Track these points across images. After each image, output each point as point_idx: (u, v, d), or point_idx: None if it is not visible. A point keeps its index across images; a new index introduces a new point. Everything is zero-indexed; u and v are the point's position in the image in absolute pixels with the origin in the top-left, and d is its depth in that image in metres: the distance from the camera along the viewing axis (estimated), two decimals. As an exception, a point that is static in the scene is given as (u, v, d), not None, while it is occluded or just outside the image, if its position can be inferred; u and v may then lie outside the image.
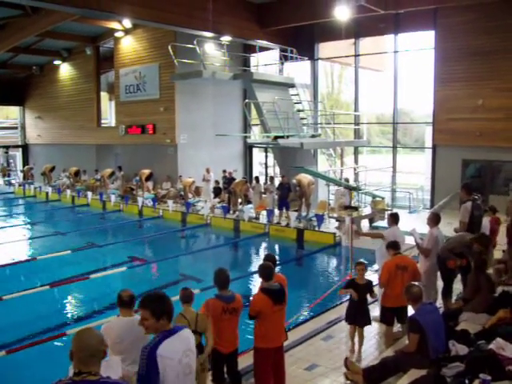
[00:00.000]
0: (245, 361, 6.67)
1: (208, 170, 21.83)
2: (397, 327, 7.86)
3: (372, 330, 8.29)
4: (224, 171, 21.70)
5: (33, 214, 23.36)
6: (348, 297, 7.54)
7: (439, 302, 8.29)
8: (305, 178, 17.32)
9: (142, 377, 3.65)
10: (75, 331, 3.36)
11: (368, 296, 7.45)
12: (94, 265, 13.55)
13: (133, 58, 24.55)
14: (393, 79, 21.06)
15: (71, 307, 11.06)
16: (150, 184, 23.62)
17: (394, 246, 7.62)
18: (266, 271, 5.92)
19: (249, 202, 19.48)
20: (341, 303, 9.83)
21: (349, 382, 6.24)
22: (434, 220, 8.36)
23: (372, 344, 7.82)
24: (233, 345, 5.89)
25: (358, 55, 22.16)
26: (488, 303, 7.23)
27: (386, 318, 7.47)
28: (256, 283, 10.45)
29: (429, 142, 20.63)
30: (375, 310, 8.81)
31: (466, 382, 5.12)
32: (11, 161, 34.15)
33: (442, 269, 8.36)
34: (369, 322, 7.35)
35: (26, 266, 13.60)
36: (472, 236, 8.21)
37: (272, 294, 5.74)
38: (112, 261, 14.60)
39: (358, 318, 7.31)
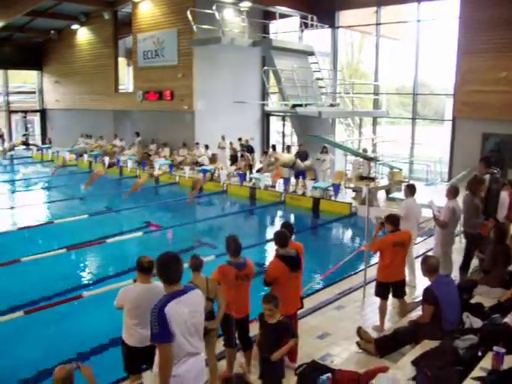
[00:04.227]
0: (257, 327, 6.72)
1: (223, 138, 21.77)
2: (411, 298, 7.88)
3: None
4: (239, 139, 21.64)
5: (50, 178, 23.49)
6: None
7: (454, 275, 8.27)
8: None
9: (156, 335, 3.86)
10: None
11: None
12: (111, 229, 13.69)
13: (151, 23, 24.32)
14: (414, 49, 20.66)
15: (88, 270, 11.22)
16: (166, 150, 23.67)
17: (393, 221, 7.30)
18: (281, 238, 5.94)
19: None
20: (354, 273, 9.88)
21: (361, 350, 6.27)
22: (453, 192, 8.32)
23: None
24: (244, 311, 5.94)
25: (380, 24, 21.74)
26: (503, 277, 7.20)
27: (380, 292, 7.35)
28: (271, 251, 10.50)
29: (448, 115, 20.32)
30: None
31: (479, 354, 5.12)
32: (29, 125, 34.32)
33: (468, 242, 8.41)
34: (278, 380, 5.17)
35: (44, 229, 13.78)
36: None
37: (289, 260, 5.76)
38: (128, 226, 14.72)
39: (265, 372, 5.18)
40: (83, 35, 29.35)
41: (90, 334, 7.71)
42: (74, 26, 29.10)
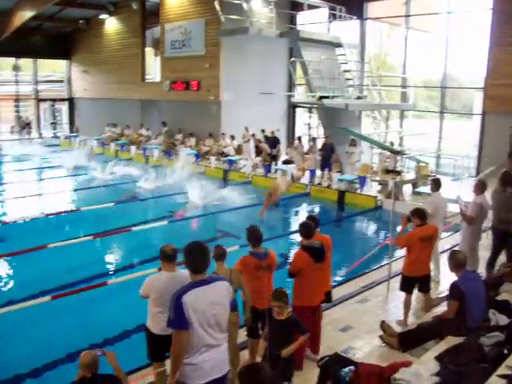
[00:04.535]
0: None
1: (247, 129, 21.75)
2: (435, 294, 7.80)
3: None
4: (263, 131, 21.56)
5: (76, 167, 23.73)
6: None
7: (480, 271, 8.16)
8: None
9: (171, 321, 3.89)
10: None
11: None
12: (136, 217, 13.80)
13: (179, 13, 24.36)
14: (443, 41, 20.32)
15: (113, 258, 11.36)
16: (192, 140, 23.76)
17: (420, 215, 7.21)
18: (306, 229, 5.94)
19: (291, 162, 19.39)
20: (379, 267, 9.81)
21: (384, 344, 6.24)
22: (481, 188, 8.20)
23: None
24: (267, 301, 5.91)
25: (409, 16, 21.43)
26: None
27: (406, 286, 7.31)
28: (296, 242, 10.49)
29: (477, 109, 19.97)
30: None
31: (505, 351, 5.05)
32: (57, 114, 34.75)
33: (495, 238, 8.30)
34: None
35: (70, 216, 13.98)
36: None
37: (313, 251, 5.74)
38: (153, 214, 14.82)
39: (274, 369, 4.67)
40: (111, 25, 29.56)
41: (114, 320, 7.81)
42: (103, 16, 29.33)
